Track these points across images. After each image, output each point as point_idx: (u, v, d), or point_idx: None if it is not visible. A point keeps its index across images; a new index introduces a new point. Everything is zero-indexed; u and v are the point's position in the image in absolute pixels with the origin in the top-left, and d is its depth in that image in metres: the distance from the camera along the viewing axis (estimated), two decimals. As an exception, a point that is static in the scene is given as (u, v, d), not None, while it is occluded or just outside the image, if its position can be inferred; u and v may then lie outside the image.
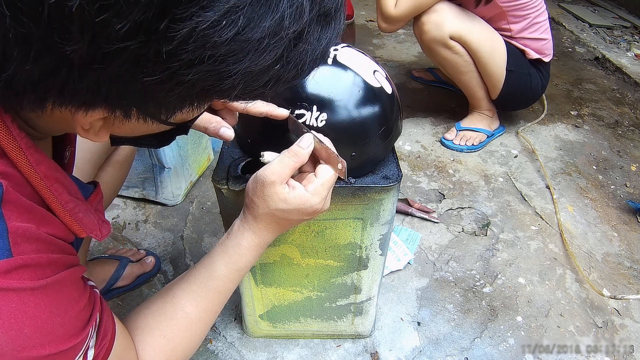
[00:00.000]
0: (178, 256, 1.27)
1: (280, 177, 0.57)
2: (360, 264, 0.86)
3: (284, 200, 0.58)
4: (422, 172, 1.63)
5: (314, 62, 0.39)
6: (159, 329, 0.59)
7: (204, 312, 0.62)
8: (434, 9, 1.53)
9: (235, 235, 0.63)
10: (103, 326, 0.49)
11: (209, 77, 0.33)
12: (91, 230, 0.48)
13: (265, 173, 0.58)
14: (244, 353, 1.02)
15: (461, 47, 1.57)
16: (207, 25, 0.28)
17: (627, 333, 1.10)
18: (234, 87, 0.35)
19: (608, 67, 2.46)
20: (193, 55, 0.30)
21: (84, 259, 1.03)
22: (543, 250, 1.32)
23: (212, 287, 0.62)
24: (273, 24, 0.31)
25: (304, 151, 0.59)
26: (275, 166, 0.58)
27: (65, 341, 0.42)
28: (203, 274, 0.63)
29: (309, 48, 0.36)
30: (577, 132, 1.91)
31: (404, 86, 2.19)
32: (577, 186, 1.59)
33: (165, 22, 0.28)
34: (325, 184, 0.60)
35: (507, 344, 1.06)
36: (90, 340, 0.46)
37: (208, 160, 1.61)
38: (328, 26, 0.37)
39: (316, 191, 0.59)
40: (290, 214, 0.59)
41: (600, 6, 3.30)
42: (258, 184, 0.58)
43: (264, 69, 0.34)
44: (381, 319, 1.11)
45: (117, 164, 0.93)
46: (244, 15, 0.29)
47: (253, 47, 0.32)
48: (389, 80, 0.74)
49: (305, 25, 0.34)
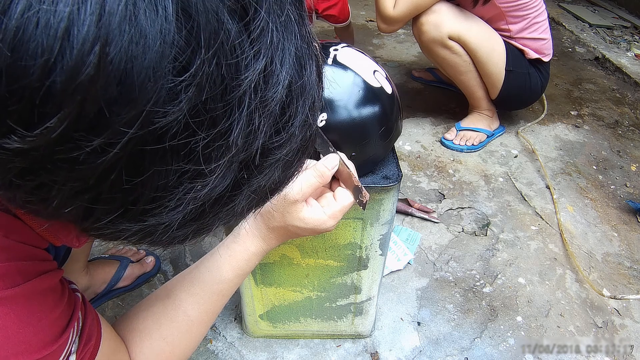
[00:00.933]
0: (178, 256, 1.27)
1: (302, 196, 0.58)
2: (360, 264, 0.86)
3: (302, 219, 0.59)
4: (422, 172, 1.63)
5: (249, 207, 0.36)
6: (159, 332, 0.58)
7: (205, 314, 0.62)
8: (432, 10, 1.53)
9: (244, 240, 0.63)
10: (86, 331, 0.47)
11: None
12: (65, 239, 0.46)
13: (290, 190, 0.57)
14: (244, 353, 1.02)
15: (460, 47, 1.57)
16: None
17: (627, 333, 1.10)
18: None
19: (608, 67, 2.46)
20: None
21: (85, 259, 1.03)
22: (543, 250, 1.32)
23: (216, 291, 0.62)
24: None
25: (328, 173, 0.59)
26: (300, 186, 0.58)
27: (40, 349, 0.41)
28: (208, 278, 0.62)
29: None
30: (577, 132, 1.91)
31: (404, 86, 2.19)
32: (577, 186, 1.59)
33: None
34: (343, 210, 0.60)
35: (507, 344, 1.06)
36: (72, 346, 0.45)
37: (208, 160, 1.60)
38: None
39: (334, 215, 0.60)
40: (304, 231, 0.61)
41: (600, 6, 3.30)
42: (280, 199, 0.58)
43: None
44: (381, 319, 1.11)
45: None
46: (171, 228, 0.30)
47: None
48: (389, 80, 0.74)
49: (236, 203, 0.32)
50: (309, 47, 0.30)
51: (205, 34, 0.23)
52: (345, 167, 0.60)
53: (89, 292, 1.07)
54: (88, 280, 1.05)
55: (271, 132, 0.29)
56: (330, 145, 0.61)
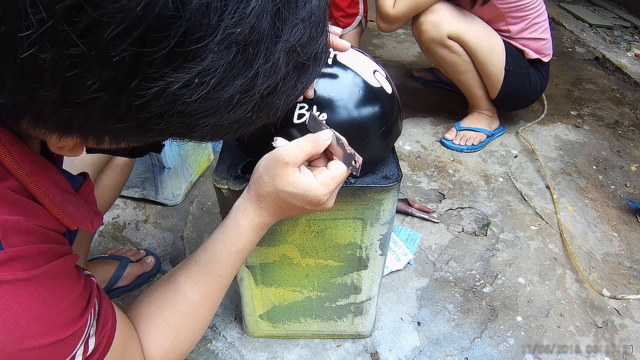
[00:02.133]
0: (178, 256, 1.27)
1: (294, 159, 0.57)
2: (360, 264, 0.86)
3: (292, 183, 0.57)
4: (422, 172, 1.63)
5: (287, 106, 0.38)
6: (162, 316, 0.59)
7: (206, 296, 0.62)
8: (432, 9, 1.53)
9: (236, 214, 0.62)
10: (102, 314, 0.49)
11: (178, 127, 0.33)
12: (81, 223, 0.48)
13: (280, 152, 0.57)
14: (244, 353, 1.02)
15: (459, 46, 1.57)
16: (178, 85, 0.29)
17: (627, 333, 1.10)
18: (203, 136, 0.36)
19: (608, 67, 2.46)
20: (163, 109, 0.30)
21: (85, 258, 1.03)
22: (543, 250, 1.32)
23: (212, 271, 0.62)
24: (246, 82, 0.31)
25: (322, 142, 0.59)
26: (292, 147, 0.57)
27: (64, 329, 0.42)
28: (203, 258, 0.62)
29: (282, 97, 0.36)
30: (577, 132, 1.91)
31: (404, 86, 2.19)
32: (577, 186, 1.59)
33: (136, 80, 0.28)
34: (335, 178, 0.59)
35: (507, 344, 1.06)
36: (91, 329, 0.46)
37: (208, 160, 1.61)
38: (305, 73, 0.37)
39: (325, 183, 0.59)
40: (295, 198, 0.58)
41: (600, 6, 3.30)
42: (271, 161, 0.58)
43: (234, 121, 0.35)
44: (381, 319, 1.11)
45: (118, 168, 0.94)
46: (216, 76, 0.29)
47: (223, 104, 0.32)
48: (389, 80, 0.74)
49: (280, 80, 0.34)
50: None
51: None
52: (340, 142, 0.61)
53: None
54: None
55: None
56: (324, 124, 0.62)
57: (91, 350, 0.46)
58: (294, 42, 0.32)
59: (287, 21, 0.31)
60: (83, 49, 0.25)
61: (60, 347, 0.42)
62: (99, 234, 1.33)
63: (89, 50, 0.26)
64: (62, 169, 0.49)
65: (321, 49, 0.37)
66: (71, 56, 0.26)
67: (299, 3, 0.32)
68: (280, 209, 0.61)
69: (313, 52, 0.36)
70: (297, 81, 0.36)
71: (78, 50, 0.25)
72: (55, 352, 0.42)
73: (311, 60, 0.36)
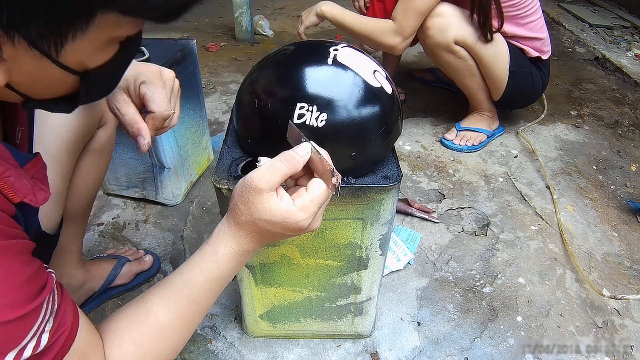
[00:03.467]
0: (178, 256, 1.27)
1: (268, 185, 0.53)
2: (360, 264, 0.86)
3: (269, 210, 0.54)
4: (422, 172, 1.63)
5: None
6: (129, 334, 0.56)
7: (177, 320, 0.59)
8: (437, 13, 1.51)
9: (214, 240, 0.59)
10: (61, 314, 0.47)
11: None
12: (24, 195, 0.46)
13: (252, 178, 0.54)
14: (244, 353, 1.02)
15: (465, 51, 1.56)
16: None
17: (627, 333, 1.10)
18: None
19: (608, 67, 2.46)
20: None
21: (77, 252, 1.02)
22: (543, 250, 1.32)
23: (186, 295, 0.59)
24: None
25: (299, 158, 0.55)
26: (265, 171, 0.54)
27: (9, 311, 0.41)
28: (178, 280, 0.59)
29: None
30: (577, 132, 1.91)
31: (404, 86, 2.19)
32: (577, 186, 1.59)
33: None
34: (315, 200, 0.55)
35: (507, 344, 1.06)
36: (46, 324, 0.45)
37: (208, 160, 1.61)
38: None
39: (304, 207, 0.55)
40: (274, 226, 0.55)
41: (600, 6, 3.30)
42: (245, 189, 0.55)
43: None
44: (381, 319, 1.11)
45: (96, 152, 0.92)
46: None
47: None
48: (389, 80, 0.74)
49: None
50: None
51: None
52: (320, 156, 0.55)
53: (85, 288, 1.06)
54: (84, 275, 1.05)
55: None
56: (303, 136, 0.58)
57: (43, 346, 0.45)
58: None
59: None
60: None
61: (4, 331, 0.41)
62: (99, 234, 1.33)
63: None
64: (6, 143, 0.47)
65: None
66: None
67: None
68: (260, 236, 0.58)
69: None
70: None
71: None
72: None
73: None
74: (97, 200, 1.45)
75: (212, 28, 2.96)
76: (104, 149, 0.94)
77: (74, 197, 0.91)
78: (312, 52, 0.72)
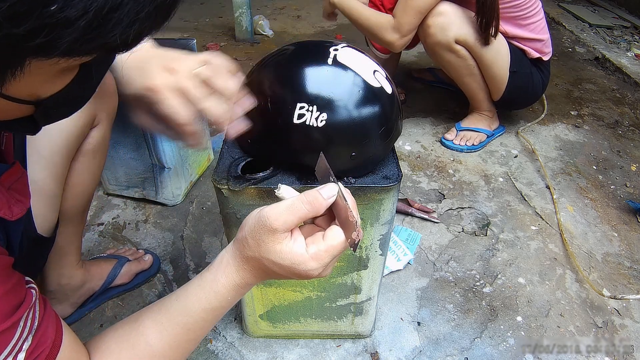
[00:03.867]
0: (178, 256, 1.27)
1: (284, 226, 0.49)
2: (360, 264, 0.86)
3: (279, 252, 0.50)
4: (422, 172, 1.63)
5: (129, 29, 0.32)
6: (118, 356, 0.55)
7: (169, 347, 0.56)
8: (438, 12, 1.50)
9: (216, 269, 0.56)
10: (41, 331, 0.45)
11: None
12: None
13: (269, 215, 0.50)
14: (244, 353, 1.02)
15: (465, 51, 1.56)
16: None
17: (627, 333, 1.10)
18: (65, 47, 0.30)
19: (608, 67, 2.46)
20: None
21: (76, 254, 1.02)
22: (543, 250, 1.32)
23: (180, 323, 0.56)
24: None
25: (322, 202, 0.50)
26: (283, 211, 0.49)
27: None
28: (175, 307, 0.57)
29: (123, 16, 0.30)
30: (577, 132, 1.91)
31: (404, 86, 2.19)
32: (577, 186, 1.59)
33: None
34: (329, 251, 0.51)
35: (507, 344, 1.06)
36: (24, 343, 0.43)
37: (208, 160, 1.61)
38: None
39: (317, 256, 0.50)
40: (280, 269, 0.52)
41: (600, 6, 3.30)
42: (258, 224, 0.51)
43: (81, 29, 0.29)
44: (381, 319, 1.11)
45: (90, 154, 0.91)
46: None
47: None
48: (389, 80, 0.74)
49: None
50: None
51: None
52: (345, 203, 0.50)
53: (85, 288, 1.06)
54: (83, 275, 1.05)
55: None
56: (332, 175, 0.52)
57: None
58: None
59: None
60: None
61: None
62: (99, 234, 1.33)
63: None
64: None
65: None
66: None
67: None
68: (264, 273, 0.55)
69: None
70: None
71: None
72: None
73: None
74: (97, 200, 1.45)
75: (212, 28, 2.96)
76: (97, 149, 0.93)
77: (70, 198, 0.90)
78: (312, 52, 0.72)
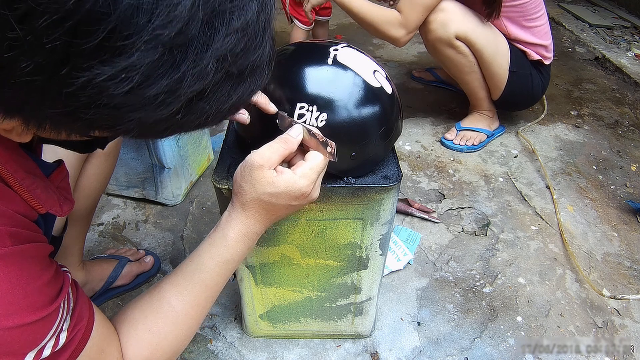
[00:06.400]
0: (178, 256, 1.27)
1: (268, 162, 0.58)
2: (360, 264, 0.86)
3: (272, 183, 0.58)
4: (422, 172, 1.63)
5: (220, 115, 0.39)
6: (144, 323, 0.59)
7: (191, 306, 0.61)
8: (440, 8, 1.51)
9: (223, 226, 0.62)
10: (77, 311, 0.49)
11: (106, 119, 0.34)
12: (51, 207, 0.48)
13: (253, 157, 0.58)
14: (244, 353, 1.02)
15: (466, 47, 1.56)
16: (104, 78, 0.30)
17: (627, 333, 1.10)
18: (129, 130, 0.36)
19: (608, 67, 2.46)
20: (90, 99, 0.32)
21: (79, 253, 1.02)
22: (543, 250, 1.32)
23: (198, 281, 0.62)
24: (171, 83, 0.32)
25: (293, 139, 0.60)
26: (264, 151, 0.58)
27: (30, 313, 0.42)
28: (190, 267, 0.62)
29: (213, 104, 0.37)
30: (577, 132, 1.91)
31: (404, 86, 2.19)
32: (577, 186, 1.59)
33: (66, 68, 0.30)
34: (314, 168, 0.60)
35: (507, 344, 1.06)
36: (63, 323, 0.46)
37: (208, 160, 1.61)
38: (240, 84, 0.37)
39: (304, 174, 0.59)
40: (279, 197, 0.59)
41: (600, 6, 3.30)
42: (246, 169, 0.59)
43: (159, 120, 0.36)
44: (381, 319, 1.11)
45: (103, 156, 0.93)
46: (141, 73, 0.31)
47: (147, 101, 0.33)
48: (389, 80, 0.74)
49: (209, 85, 0.35)
50: None
51: None
52: (311, 135, 0.61)
53: (86, 288, 1.06)
54: (85, 276, 1.05)
55: None
56: (293, 121, 0.63)
57: (62, 344, 0.46)
58: (225, 51, 0.34)
59: (219, 31, 0.33)
60: (20, 33, 0.28)
61: (25, 333, 0.42)
62: (99, 234, 1.33)
63: (25, 36, 0.28)
64: (32, 155, 0.49)
65: (259, 61, 0.37)
66: (9, 39, 0.28)
67: (234, 15, 0.33)
68: (266, 212, 0.61)
69: (248, 64, 0.36)
70: (231, 90, 0.37)
71: (15, 34, 0.28)
72: (20, 337, 0.42)
73: (247, 71, 0.37)
74: (97, 200, 1.45)
75: (212, 28, 2.96)
76: (110, 152, 0.95)
77: (79, 199, 0.92)
78: (312, 52, 0.72)
